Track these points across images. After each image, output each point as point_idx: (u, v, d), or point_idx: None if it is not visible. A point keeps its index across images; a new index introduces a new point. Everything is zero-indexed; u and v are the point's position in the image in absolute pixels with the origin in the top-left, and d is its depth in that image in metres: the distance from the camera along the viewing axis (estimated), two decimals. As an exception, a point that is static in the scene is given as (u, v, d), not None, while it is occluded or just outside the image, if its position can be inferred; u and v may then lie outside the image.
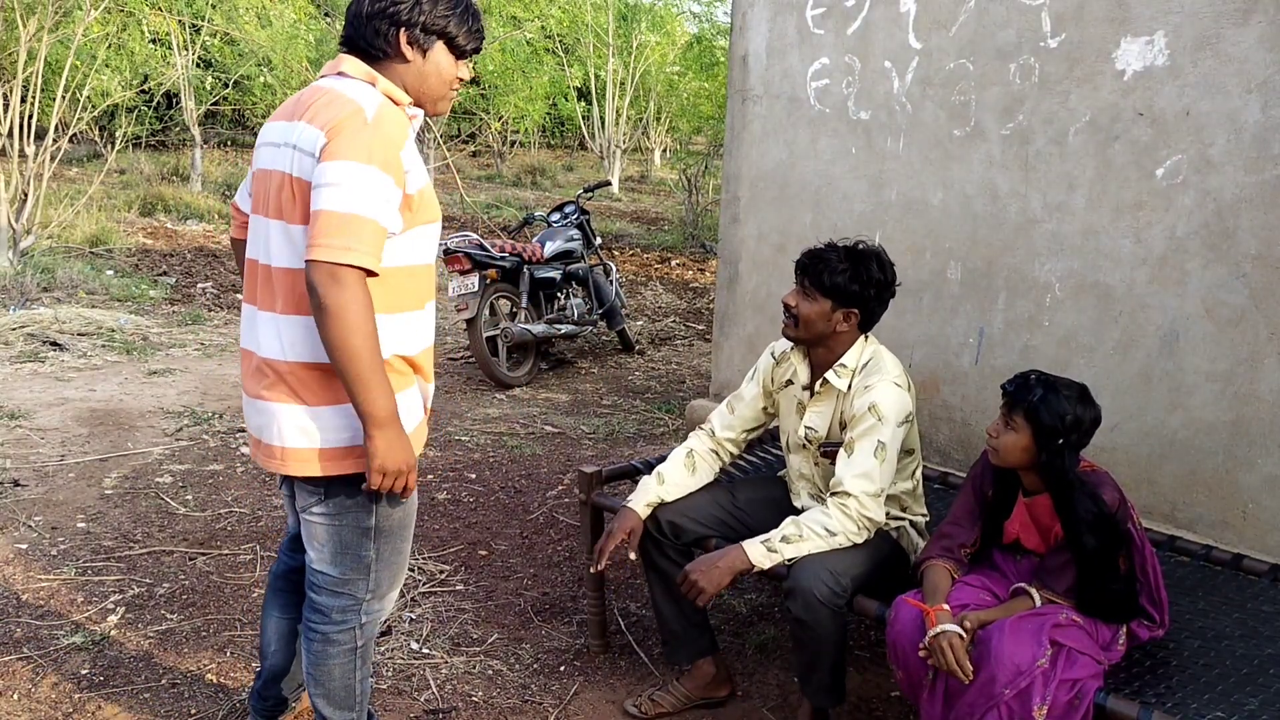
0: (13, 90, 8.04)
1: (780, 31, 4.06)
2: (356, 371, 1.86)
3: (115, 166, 13.64)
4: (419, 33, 2.02)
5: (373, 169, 1.88)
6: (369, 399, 1.88)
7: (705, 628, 2.76)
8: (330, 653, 2.18)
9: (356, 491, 2.06)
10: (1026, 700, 2.04)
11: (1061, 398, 2.19)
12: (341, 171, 1.86)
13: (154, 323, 7.26)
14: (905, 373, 2.57)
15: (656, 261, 11.12)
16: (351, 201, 1.85)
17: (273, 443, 2.04)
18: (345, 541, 2.11)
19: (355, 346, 1.85)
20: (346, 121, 1.90)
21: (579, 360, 6.99)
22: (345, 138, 1.88)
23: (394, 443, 1.93)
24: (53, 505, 3.98)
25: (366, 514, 2.09)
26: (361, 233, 1.85)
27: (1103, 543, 2.15)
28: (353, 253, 1.84)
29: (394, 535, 2.16)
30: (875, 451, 2.44)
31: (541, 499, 4.30)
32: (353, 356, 1.85)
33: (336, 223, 1.84)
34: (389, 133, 1.93)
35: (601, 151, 17.84)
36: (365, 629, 2.21)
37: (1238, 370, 2.94)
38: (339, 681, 2.21)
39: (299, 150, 1.94)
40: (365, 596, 2.17)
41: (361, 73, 2.02)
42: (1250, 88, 2.85)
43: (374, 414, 1.90)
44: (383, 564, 2.16)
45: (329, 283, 1.83)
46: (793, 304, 2.56)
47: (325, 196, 1.86)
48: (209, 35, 13.46)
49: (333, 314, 1.83)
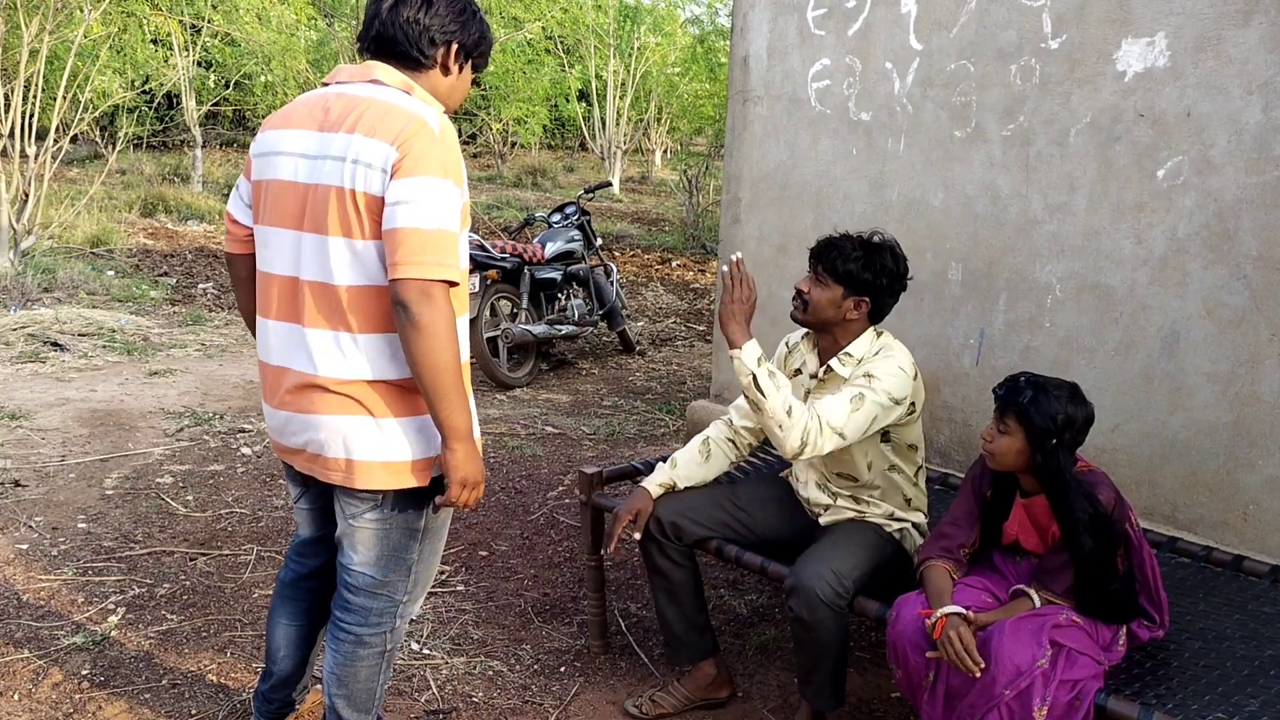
0: (14, 90, 8.04)
1: (781, 33, 4.07)
2: (443, 386, 1.89)
3: (116, 167, 13.66)
4: (464, 51, 2.08)
5: (448, 182, 1.90)
6: (452, 413, 1.91)
7: (706, 629, 2.76)
8: (361, 654, 2.19)
9: (412, 500, 2.09)
10: (1026, 701, 2.04)
11: (1052, 397, 2.19)
12: (422, 188, 1.86)
13: (155, 323, 7.26)
14: (915, 365, 2.56)
15: (657, 262, 11.12)
16: (435, 217, 1.86)
17: (337, 455, 2.02)
18: (394, 544, 2.12)
19: (444, 361, 1.87)
20: (416, 135, 1.89)
21: (579, 361, 6.99)
22: (418, 152, 1.87)
23: (472, 455, 1.98)
24: (53, 505, 3.98)
25: (418, 516, 2.12)
26: (447, 247, 1.87)
27: (1100, 542, 2.15)
28: (443, 268, 1.86)
29: (436, 536, 2.20)
30: (853, 399, 2.41)
31: (542, 500, 4.30)
32: (440, 371, 1.88)
33: (424, 240, 1.85)
34: (452, 144, 1.95)
35: (602, 152, 17.86)
36: (396, 633, 2.22)
37: (1239, 371, 2.94)
38: (364, 684, 2.21)
39: (360, 164, 1.89)
40: (403, 599, 2.19)
41: (398, 82, 2.00)
42: (1251, 89, 2.85)
43: (456, 427, 1.93)
44: (423, 564, 2.19)
45: (422, 300, 1.84)
46: (805, 289, 2.56)
47: (408, 214, 1.85)
48: (209, 36, 13.48)
49: (425, 330, 1.85)
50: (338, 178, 1.91)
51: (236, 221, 2.18)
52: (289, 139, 2.00)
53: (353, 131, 1.91)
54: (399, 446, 2.02)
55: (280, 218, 2.01)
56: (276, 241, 2.02)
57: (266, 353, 2.09)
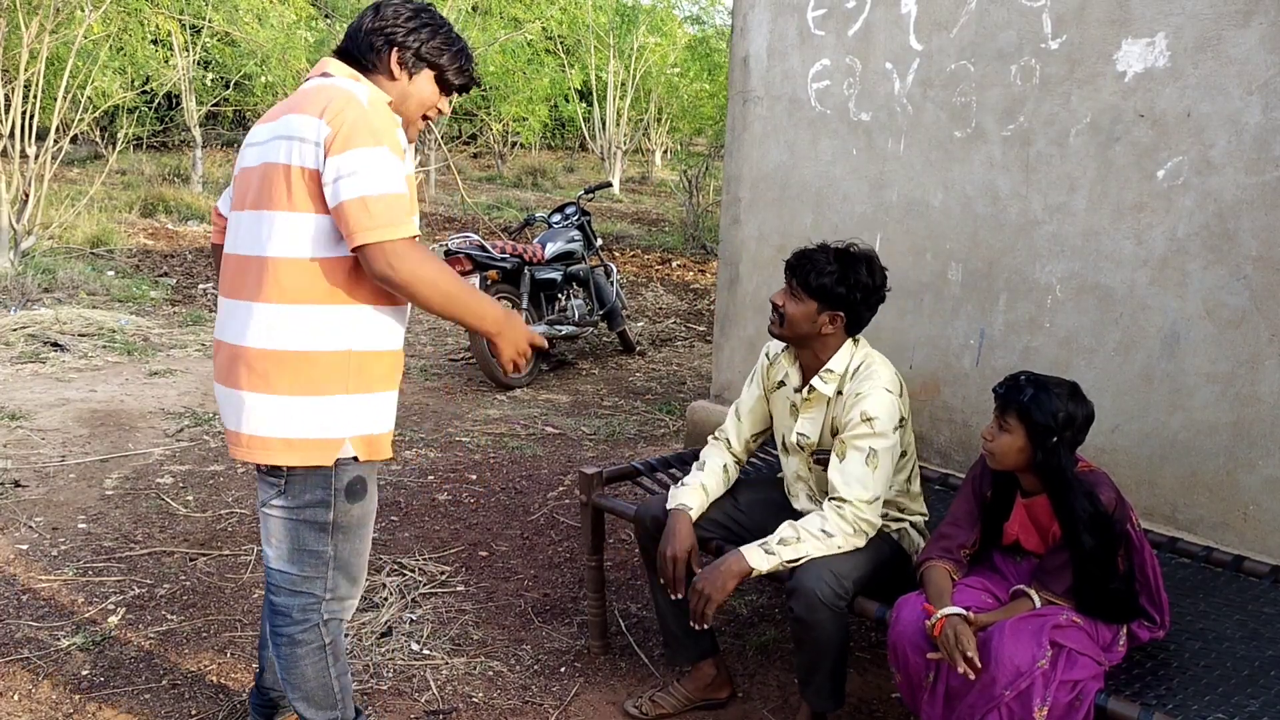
0: (14, 90, 8.04)
1: (781, 33, 4.07)
2: (460, 310, 2.02)
3: (116, 167, 13.66)
4: (410, 56, 2.14)
5: (383, 149, 1.96)
6: (481, 321, 2.07)
7: (706, 629, 2.76)
8: (299, 654, 2.20)
9: (316, 486, 2.10)
10: (1027, 701, 2.04)
11: (1052, 395, 2.19)
12: (358, 159, 1.93)
13: (155, 323, 7.26)
14: (898, 377, 2.56)
15: (657, 263, 11.12)
16: (377, 183, 1.93)
17: (241, 430, 2.07)
18: (303, 538, 2.13)
19: (447, 294, 1.98)
20: (344, 108, 1.97)
21: (580, 361, 6.99)
22: (349, 126, 1.95)
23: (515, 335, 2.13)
24: (53, 506, 3.98)
25: (325, 509, 2.12)
26: (396, 207, 1.94)
27: (1100, 542, 2.15)
28: (398, 226, 1.93)
29: (352, 533, 2.18)
30: (867, 459, 2.43)
31: (542, 500, 4.30)
32: (449, 303, 2.00)
33: (372, 206, 1.92)
34: (384, 115, 2.03)
35: (602, 153, 17.86)
36: (330, 626, 2.22)
37: (1239, 372, 2.94)
38: (314, 682, 2.22)
39: (294, 139, 1.98)
40: (325, 596, 2.18)
41: (346, 73, 2.11)
42: (1251, 89, 2.85)
43: (490, 329, 2.09)
44: (340, 564, 2.18)
45: (392, 261, 1.92)
46: (780, 303, 2.56)
47: (351, 185, 1.92)
48: (209, 36, 13.47)
49: (411, 284, 1.94)
50: (279, 155, 2.01)
51: (221, 214, 2.34)
52: (256, 133, 2.14)
53: (296, 112, 2.02)
54: (301, 423, 2.04)
55: (240, 202, 2.13)
56: (236, 223, 2.13)
57: (216, 329, 2.19)
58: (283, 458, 2.05)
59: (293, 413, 2.03)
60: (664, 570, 2.56)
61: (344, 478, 2.12)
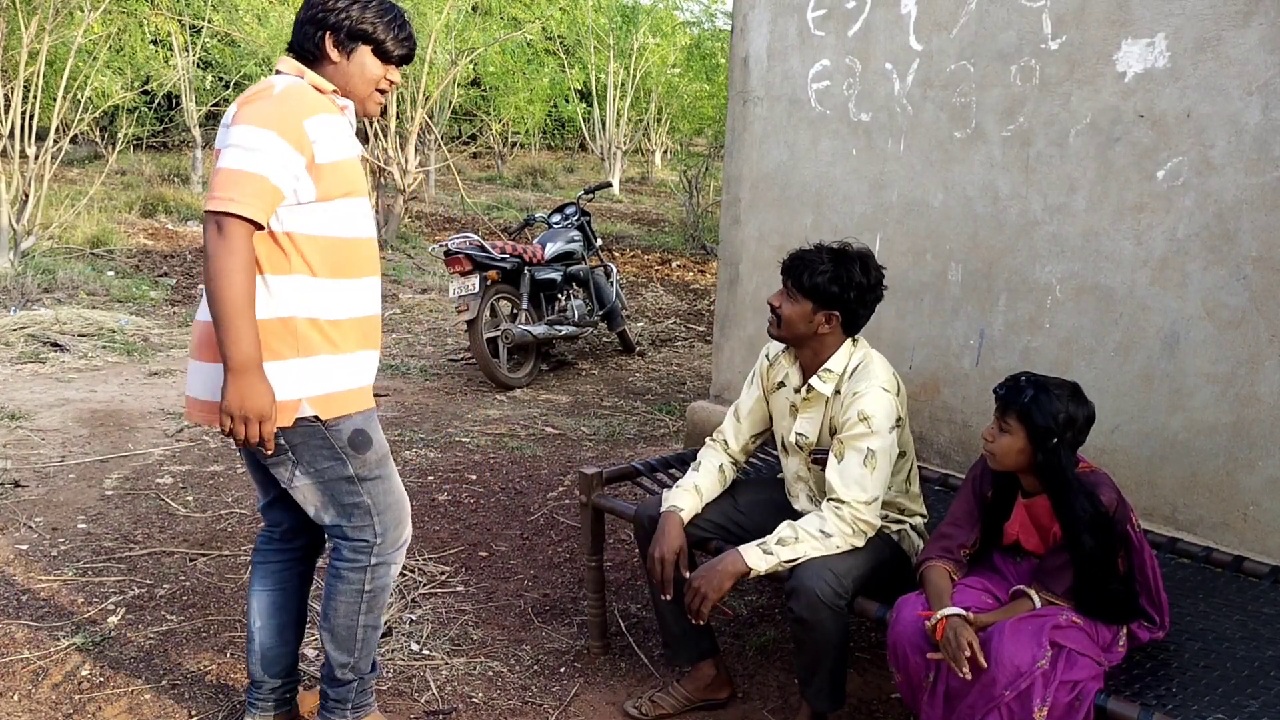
0: (14, 91, 8.04)
1: (781, 33, 4.07)
2: (221, 314, 2.01)
3: (116, 167, 13.66)
4: (343, 36, 2.20)
5: (269, 133, 2.04)
6: (228, 343, 2.02)
7: (706, 629, 2.76)
8: (338, 589, 2.32)
9: (320, 449, 2.20)
10: (1027, 702, 2.04)
11: (1053, 396, 2.19)
12: (239, 134, 2.04)
13: (155, 324, 7.26)
14: (895, 377, 2.56)
15: (657, 263, 11.12)
16: (244, 159, 2.02)
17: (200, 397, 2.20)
18: (338, 493, 2.25)
19: (223, 291, 2.00)
20: (255, 95, 2.10)
21: (579, 361, 6.99)
22: (249, 108, 2.07)
23: (246, 390, 2.04)
24: (53, 506, 3.98)
25: (342, 465, 2.23)
26: (247, 186, 2.01)
27: (1101, 543, 2.15)
28: (235, 203, 2.00)
29: (379, 474, 2.29)
30: (865, 460, 2.43)
31: (542, 500, 4.30)
32: (219, 300, 2.01)
33: (227, 177, 2.02)
34: (293, 105, 2.09)
35: (602, 153, 17.86)
36: (376, 574, 2.33)
37: (1238, 372, 2.94)
38: (342, 620, 2.34)
39: (224, 127, 2.13)
40: (376, 540, 2.30)
41: (292, 69, 2.21)
42: (1251, 90, 2.85)
43: (231, 358, 2.03)
44: (378, 505, 2.29)
45: (213, 230, 2.01)
46: (776, 304, 2.56)
47: (224, 156, 2.05)
48: (209, 36, 13.47)
49: (211, 258, 2.01)
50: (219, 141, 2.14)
51: None
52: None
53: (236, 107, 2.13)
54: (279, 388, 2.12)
55: None
56: None
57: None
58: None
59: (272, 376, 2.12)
60: (653, 571, 2.57)
61: (341, 435, 2.21)
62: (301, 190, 2.10)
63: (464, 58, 12.24)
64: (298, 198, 2.10)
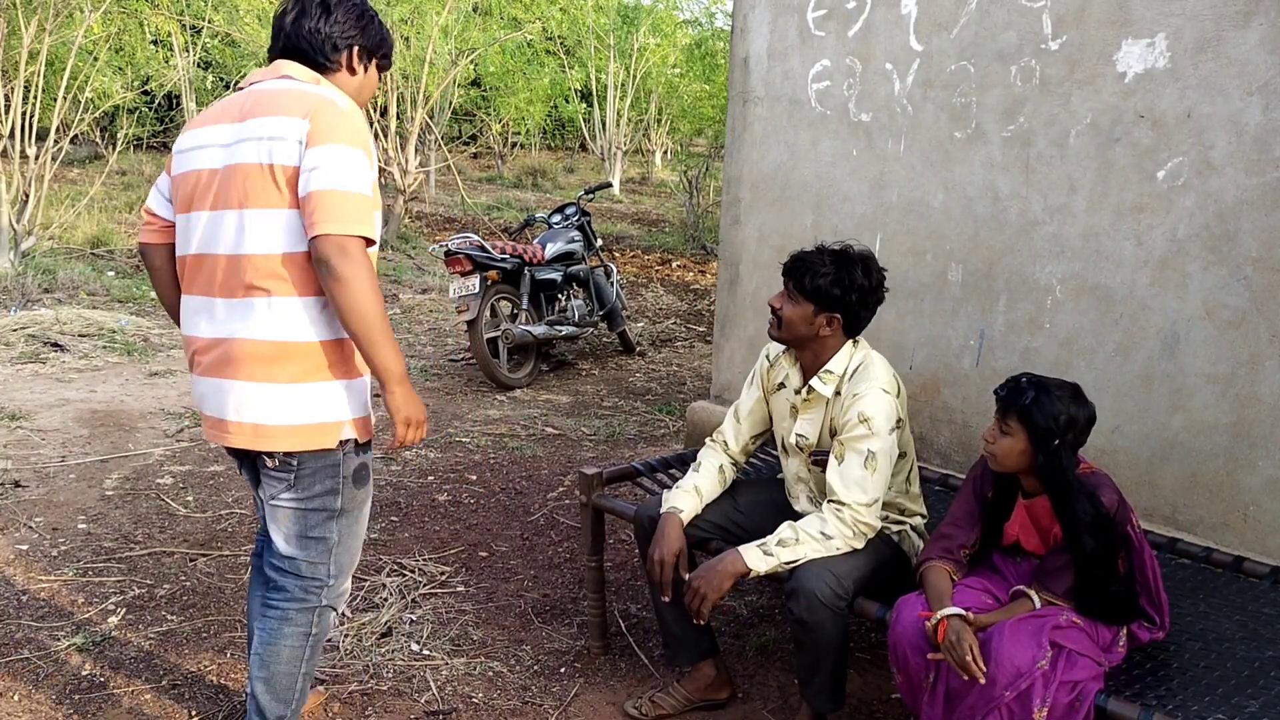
0: (14, 91, 8.04)
1: (781, 34, 4.07)
2: (371, 333, 2.01)
3: (116, 168, 13.66)
4: (367, 52, 2.24)
5: (359, 152, 2.04)
6: (384, 356, 2.04)
7: (706, 630, 2.76)
8: (285, 632, 2.24)
9: (326, 476, 2.17)
10: (1027, 702, 2.04)
11: (1054, 398, 2.19)
12: (333, 154, 2.00)
13: (155, 324, 7.26)
14: (896, 378, 2.56)
15: (657, 263, 11.12)
16: (348, 180, 2.00)
17: (241, 419, 2.11)
18: (310, 524, 2.21)
19: (368, 309, 1.99)
20: (324, 109, 2.04)
21: (580, 362, 6.99)
22: (328, 123, 2.02)
23: (411, 396, 2.12)
24: (54, 506, 3.98)
25: (335, 497, 2.20)
26: (361, 207, 2.01)
27: (1101, 543, 2.15)
28: (358, 224, 1.99)
29: (355, 516, 2.27)
30: (866, 461, 2.43)
31: (542, 500, 4.30)
32: (366, 319, 2.00)
33: (338, 200, 1.98)
34: (360, 121, 2.10)
35: (602, 153, 17.86)
36: (323, 617, 2.28)
37: (1239, 372, 2.94)
38: (285, 666, 2.25)
39: (275, 139, 2.02)
40: (328, 580, 2.26)
41: (307, 76, 2.16)
42: (1251, 90, 2.85)
43: (391, 370, 2.06)
44: (343, 547, 2.26)
45: (340, 254, 1.96)
46: (777, 305, 2.56)
47: (322, 178, 1.99)
48: (209, 36, 13.47)
49: (347, 283, 1.97)
50: (255, 155, 2.04)
51: (155, 214, 2.28)
52: (206, 134, 2.14)
53: (271, 114, 2.05)
54: (305, 409, 2.10)
55: (200, 203, 2.13)
56: (195, 225, 2.14)
57: (185, 326, 2.20)
58: (287, 443, 2.10)
59: (296, 400, 2.09)
60: (653, 573, 2.57)
61: (350, 465, 2.20)
62: None
63: (464, 58, 12.25)
64: None
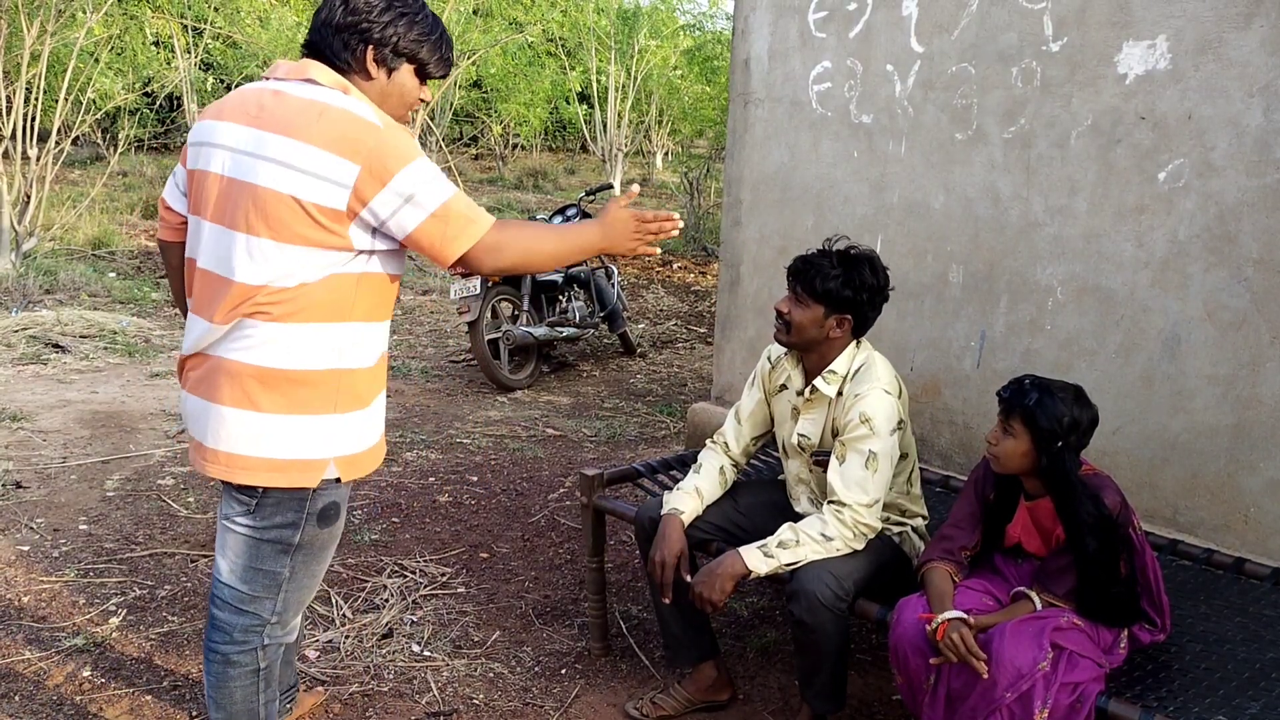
0: (16, 92, 8.05)
1: (782, 35, 4.07)
2: (572, 253, 2.03)
3: (117, 169, 13.67)
4: (388, 52, 1.99)
5: (418, 160, 1.90)
6: (590, 248, 2.05)
7: (707, 631, 2.76)
8: (231, 674, 2.11)
9: (289, 509, 2.01)
10: (1028, 703, 2.04)
11: (1057, 400, 2.19)
12: (404, 183, 1.87)
13: (156, 325, 7.27)
14: (897, 379, 2.56)
15: (658, 264, 11.12)
16: (435, 195, 1.90)
17: (218, 447, 1.96)
18: (262, 556, 2.04)
19: (555, 251, 2.00)
20: (363, 137, 1.86)
21: (580, 363, 6.99)
22: (378, 157, 1.86)
23: (619, 233, 2.06)
24: (54, 507, 3.98)
25: (293, 531, 2.03)
26: (464, 206, 1.93)
27: (1104, 545, 2.15)
28: (478, 223, 1.93)
29: (313, 557, 2.10)
30: (867, 462, 2.43)
31: (543, 501, 4.30)
32: (560, 254, 2.02)
33: (445, 218, 1.90)
34: (397, 128, 1.96)
35: (603, 154, 17.86)
36: (268, 651, 2.14)
37: (1240, 374, 2.94)
38: (240, 705, 2.13)
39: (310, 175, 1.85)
40: (271, 619, 2.10)
41: (333, 81, 1.95)
42: (1252, 91, 2.85)
43: (601, 247, 2.06)
44: (294, 585, 2.10)
45: (495, 255, 1.94)
46: (785, 310, 2.54)
47: (414, 211, 1.89)
48: (211, 38, 13.49)
49: (525, 262, 1.98)
50: (276, 182, 1.86)
51: (170, 209, 2.14)
52: (221, 131, 1.95)
53: (296, 138, 1.86)
54: (285, 443, 1.94)
55: (206, 209, 1.97)
56: (201, 233, 1.98)
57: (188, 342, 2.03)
58: (264, 479, 1.95)
59: (277, 432, 1.94)
60: (653, 574, 2.57)
61: (319, 502, 2.03)
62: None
63: (465, 60, 12.25)
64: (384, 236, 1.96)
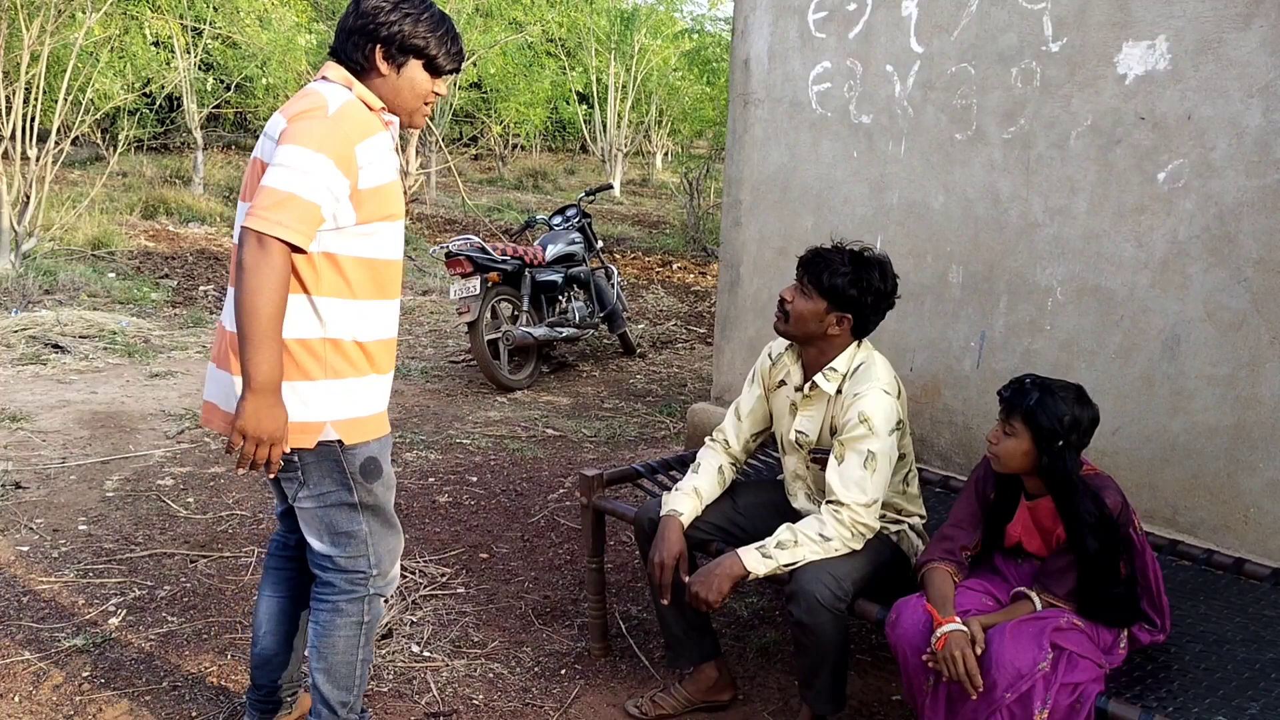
0: (15, 93, 8.05)
1: (782, 35, 4.07)
2: (251, 331, 1.95)
3: (117, 169, 13.66)
4: (394, 49, 2.12)
5: (321, 157, 1.98)
6: (254, 361, 1.95)
7: (707, 631, 2.76)
8: (338, 623, 2.27)
9: (332, 472, 2.18)
10: (1028, 704, 2.04)
11: (1058, 399, 2.18)
12: (292, 155, 1.97)
13: (156, 325, 7.27)
14: (897, 379, 2.56)
15: (658, 265, 11.13)
16: (296, 182, 1.96)
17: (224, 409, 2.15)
18: (336, 521, 2.22)
19: (257, 306, 1.93)
20: (309, 112, 2.03)
21: (580, 363, 6.99)
22: (303, 126, 2.00)
23: (263, 410, 1.98)
24: (54, 507, 3.98)
25: (348, 492, 2.21)
26: (296, 210, 1.96)
27: (1104, 545, 2.15)
28: (283, 227, 1.94)
29: (379, 509, 2.27)
30: (865, 462, 2.43)
31: (543, 502, 4.30)
32: (252, 315, 1.94)
33: (276, 198, 1.95)
34: (346, 128, 2.03)
35: (603, 155, 17.87)
36: (373, 604, 2.30)
37: (1239, 374, 2.94)
38: (342, 655, 2.29)
39: (268, 137, 2.09)
40: (371, 570, 2.28)
41: (340, 78, 2.14)
42: (1252, 92, 2.85)
43: (254, 376, 1.96)
44: (376, 537, 2.27)
45: (255, 246, 1.93)
46: (788, 298, 2.55)
47: (273, 174, 1.97)
48: (210, 38, 13.49)
49: (248, 271, 1.93)
50: (259, 151, 2.12)
51: None
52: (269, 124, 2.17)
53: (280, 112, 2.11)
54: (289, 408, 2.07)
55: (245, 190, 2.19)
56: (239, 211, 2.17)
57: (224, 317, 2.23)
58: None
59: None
60: (652, 575, 2.57)
61: (355, 461, 2.18)
62: (341, 215, 2.05)
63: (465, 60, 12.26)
64: (336, 222, 2.05)
